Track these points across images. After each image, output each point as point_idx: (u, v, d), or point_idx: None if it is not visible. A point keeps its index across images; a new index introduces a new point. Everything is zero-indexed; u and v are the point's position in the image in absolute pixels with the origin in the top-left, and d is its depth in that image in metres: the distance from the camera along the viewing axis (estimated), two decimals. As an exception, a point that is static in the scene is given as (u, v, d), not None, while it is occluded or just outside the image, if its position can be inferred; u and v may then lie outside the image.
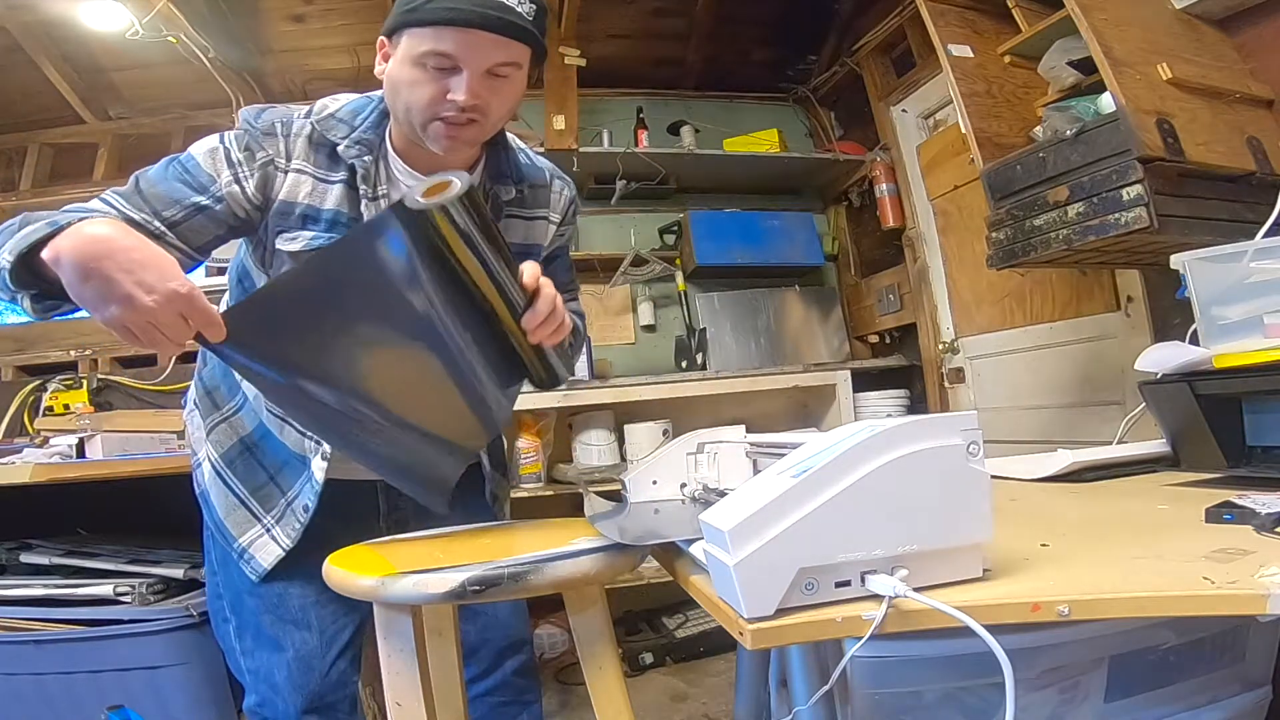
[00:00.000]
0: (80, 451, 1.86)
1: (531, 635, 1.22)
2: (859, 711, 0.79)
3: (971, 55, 1.84)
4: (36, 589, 1.55)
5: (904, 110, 2.85)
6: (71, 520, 1.82)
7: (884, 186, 2.86)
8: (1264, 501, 0.72)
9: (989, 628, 0.49)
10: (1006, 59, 1.86)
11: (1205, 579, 0.53)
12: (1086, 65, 1.59)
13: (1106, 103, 1.48)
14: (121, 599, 1.52)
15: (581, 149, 2.69)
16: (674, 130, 2.99)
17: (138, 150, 2.83)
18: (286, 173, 0.95)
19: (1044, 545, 0.68)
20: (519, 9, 0.88)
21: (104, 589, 1.52)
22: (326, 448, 0.99)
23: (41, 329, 2.78)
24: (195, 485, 1.09)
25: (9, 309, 2.94)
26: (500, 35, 0.87)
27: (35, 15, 2.37)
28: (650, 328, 3.03)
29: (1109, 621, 0.66)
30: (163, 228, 0.89)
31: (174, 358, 1.11)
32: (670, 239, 3.02)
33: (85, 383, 2.40)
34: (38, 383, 2.42)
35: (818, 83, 3.21)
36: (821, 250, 3.11)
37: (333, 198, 0.96)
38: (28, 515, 1.71)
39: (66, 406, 2.30)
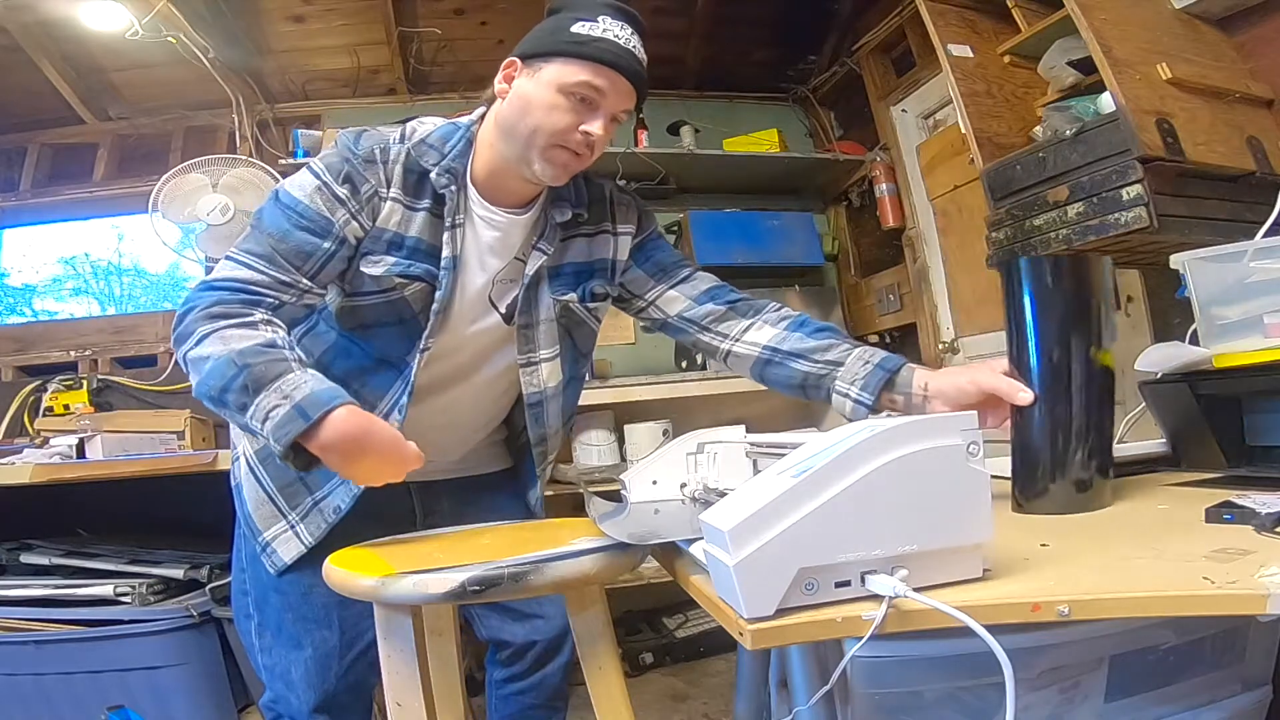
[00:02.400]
0: (80, 452, 1.86)
1: (569, 629, 1.22)
2: (859, 711, 0.79)
3: (971, 55, 1.84)
4: (37, 589, 1.55)
5: (904, 110, 2.85)
6: (71, 520, 1.82)
7: (884, 186, 2.86)
8: (1264, 501, 0.72)
9: (989, 628, 0.49)
10: (1006, 59, 1.86)
11: (1205, 579, 0.53)
12: (1086, 65, 1.59)
13: (1106, 103, 1.48)
14: (121, 599, 1.52)
15: (581, 149, 2.69)
16: (674, 130, 2.99)
17: (138, 150, 2.83)
18: (385, 200, 0.98)
19: (1044, 545, 0.68)
20: (644, 67, 0.98)
21: (104, 589, 1.53)
22: None
23: (42, 329, 2.78)
24: (231, 479, 1.11)
25: (10, 312, 2.94)
26: (634, 87, 0.97)
27: (35, 15, 2.36)
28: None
29: (1109, 621, 0.66)
30: (309, 283, 0.95)
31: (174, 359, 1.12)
32: (670, 239, 3.01)
33: (85, 383, 2.40)
34: (38, 383, 2.42)
35: (818, 83, 3.21)
36: (821, 250, 3.11)
37: (416, 225, 0.99)
38: (28, 515, 1.71)
39: (66, 407, 2.30)
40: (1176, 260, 1.13)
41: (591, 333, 1.15)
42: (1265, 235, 1.26)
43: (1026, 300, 0.86)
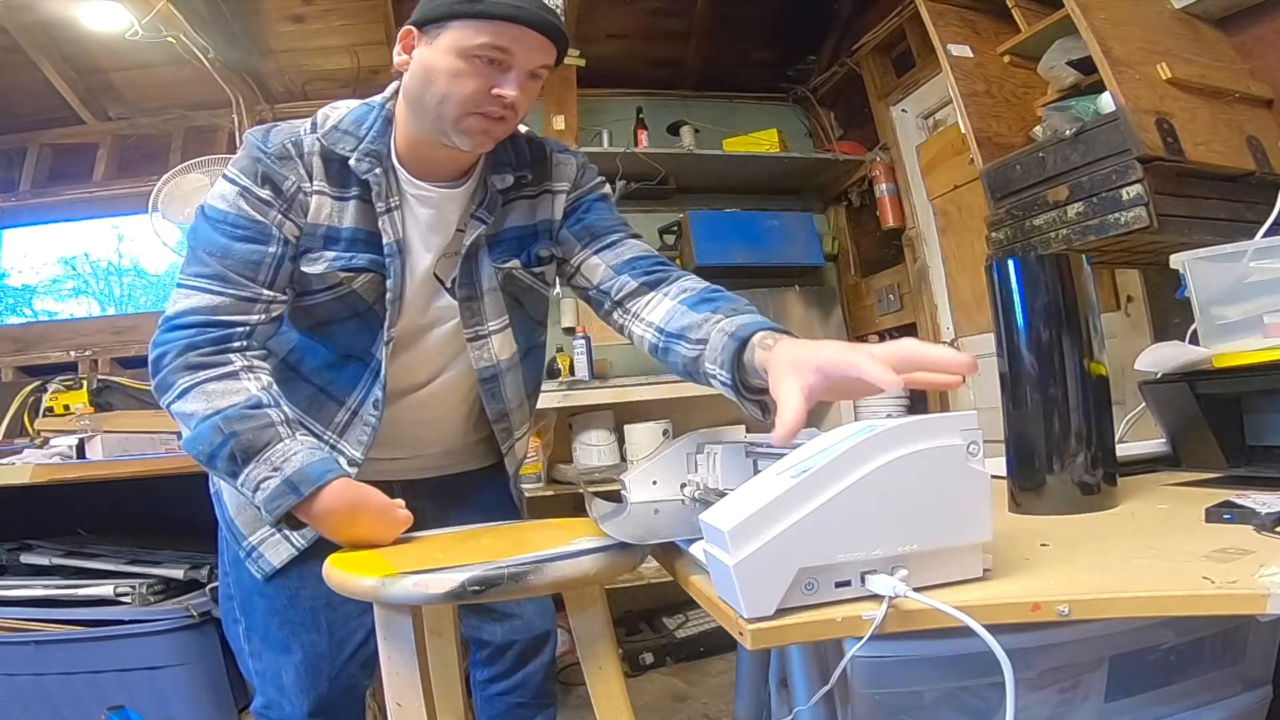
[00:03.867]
0: (80, 452, 1.85)
1: (555, 631, 1.21)
2: (859, 711, 0.79)
3: (971, 55, 1.84)
4: (37, 590, 1.55)
5: (904, 110, 2.85)
6: (71, 521, 1.81)
7: (884, 186, 2.86)
8: (1264, 501, 0.72)
9: (989, 628, 0.49)
10: (1006, 59, 1.86)
11: (1205, 579, 0.53)
12: (1086, 65, 1.59)
13: (1106, 102, 1.48)
14: (122, 599, 1.52)
15: (581, 149, 2.69)
16: (674, 130, 2.99)
17: (138, 150, 2.83)
18: (310, 195, 0.94)
19: (1044, 545, 0.68)
20: (560, 15, 0.90)
21: (104, 589, 1.52)
22: (355, 453, 0.99)
23: (41, 330, 2.78)
24: (210, 484, 1.09)
25: (10, 312, 2.94)
26: (547, 38, 0.90)
27: (35, 16, 2.37)
28: (650, 328, 3.02)
29: (1109, 621, 0.66)
30: (270, 293, 0.91)
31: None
32: (670, 239, 3.02)
33: (85, 383, 2.40)
34: (38, 383, 2.42)
35: (817, 83, 3.21)
36: (821, 250, 3.11)
37: (349, 215, 0.95)
38: (28, 516, 1.71)
39: (66, 407, 2.30)
40: (1176, 260, 1.13)
41: (542, 298, 1.10)
42: (1265, 235, 1.26)
43: (1016, 300, 0.86)
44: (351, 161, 0.94)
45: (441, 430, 1.11)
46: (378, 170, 0.95)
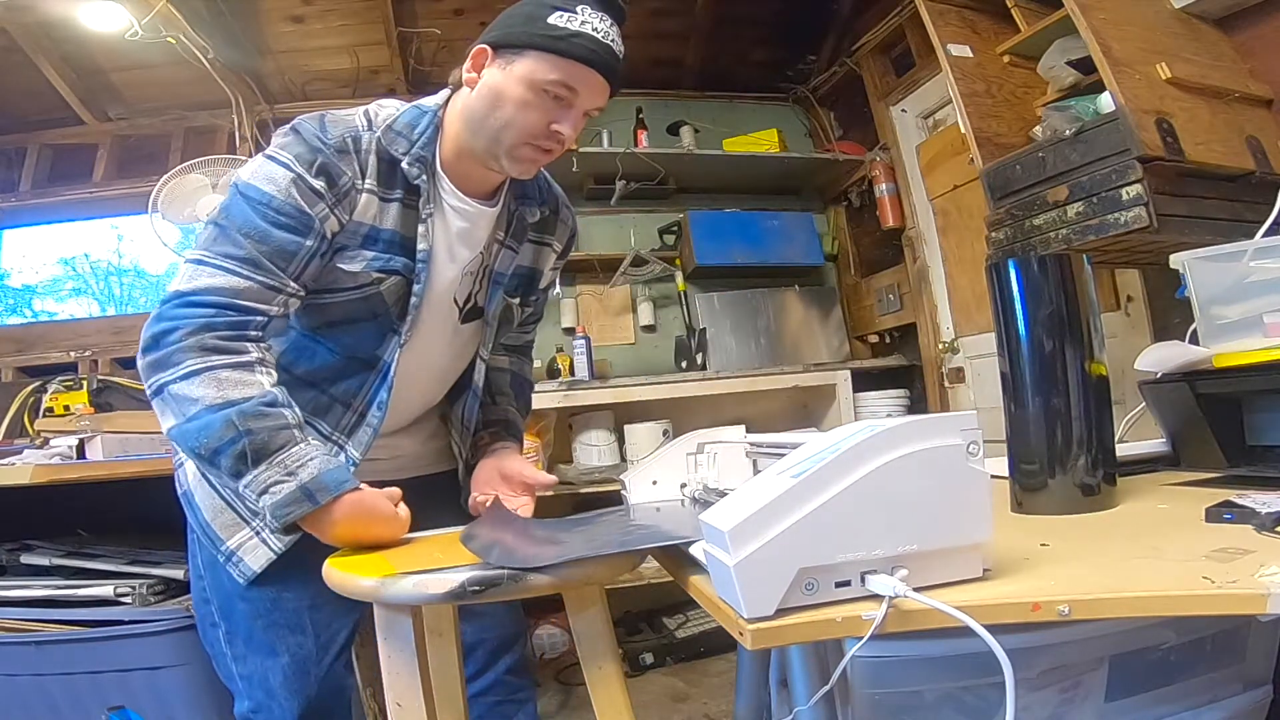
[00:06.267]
0: (80, 452, 1.85)
1: (525, 630, 1.22)
2: (859, 711, 0.79)
3: (971, 55, 1.84)
4: (37, 590, 1.55)
5: (903, 110, 2.85)
6: (71, 521, 1.81)
7: (884, 186, 2.86)
8: (1264, 501, 0.72)
9: (989, 628, 0.49)
10: (1006, 59, 1.86)
11: (1205, 579, 0.53)
12: (1086, 65, 1.59)
13: (1106, 102, 1.48)
14: (122, 600, 1.52)
15: (581, 149, 2.70)
16: (673, 130, 3.00)
17: (138, 150, 2.83)
18: (361, 192, 0.93)
19: (1044, 545, 0.68)
20: (621, 62, 0.95)
21: (104, 590, 1.52)
22: (356, 454, 0.98)
23: (41, 330, 2.78)
24: (177, 485, 1.06)
25: (10, 313, 2.94)
26: (609, 85, 0.94)
27: (35, 16, 2.36)
28: (650, 328, 3.03)
29: (1109, 621, 0.66)
30: (295, 285, 0.90)
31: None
32: (670, 239, 3.02)
33: (85, 384, 2.40)
34: (38, 384, 2.42)
35: (817, 83, 3.21)
36: (821, 250, 3.11)
37: (391, 217, 0.95)
38: (28, 516, 1.71)
39: (66, 408, 2.30)
40: (1176, 260, 1.13)
41: (509, 328, 1.17)
42: (1265, 235, 1.26)
43: (1017, 301, 0.86)
44: (404, 164, 0.95)
45: (415, 434, 1.14)
46: (424, 177, 0.96)
